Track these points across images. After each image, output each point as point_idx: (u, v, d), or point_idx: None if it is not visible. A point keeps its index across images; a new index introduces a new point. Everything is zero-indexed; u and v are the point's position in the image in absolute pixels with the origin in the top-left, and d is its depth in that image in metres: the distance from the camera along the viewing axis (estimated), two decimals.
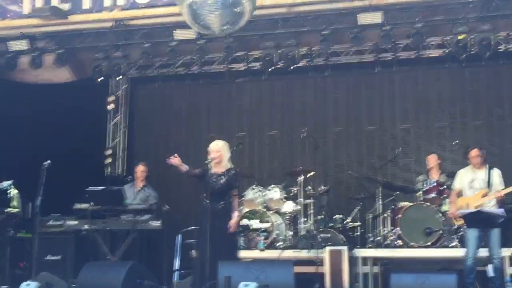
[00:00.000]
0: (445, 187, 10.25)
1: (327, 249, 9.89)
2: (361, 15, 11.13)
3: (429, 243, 10.09)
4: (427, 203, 10.25)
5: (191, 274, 9.46)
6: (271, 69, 12.02)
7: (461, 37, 11.04)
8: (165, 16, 11.76)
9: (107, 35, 12.24)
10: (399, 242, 10.33)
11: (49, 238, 10.92)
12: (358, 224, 11.14)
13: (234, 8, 8.10)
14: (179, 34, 11.83)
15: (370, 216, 11.13)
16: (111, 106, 13.48)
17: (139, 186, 10.72)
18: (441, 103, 12.60)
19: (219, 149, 8.59)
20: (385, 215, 10.78)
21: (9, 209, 11.35)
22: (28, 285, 7.62)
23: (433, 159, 10.79)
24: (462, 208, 9.05)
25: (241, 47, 12.36)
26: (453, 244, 9.85)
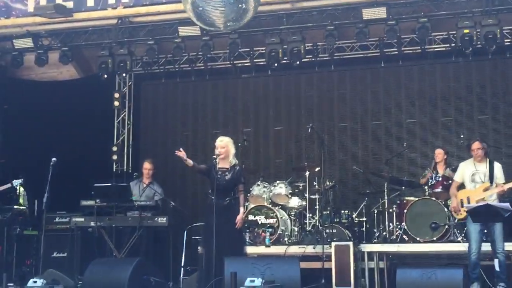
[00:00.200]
0: (450, 182, 10.22)
1: (333, 244, 9.87)
2: (366, 10, 11.10)
3: (435, 238, 10.08)
4: (433, 198, 10.24)
5: (197, 270, 9.47)
6: (276, 64, 12.01)
7: (466, 31, 11.01)
8: (170, 13, 11.75)
9: (111, 32, 12.24)
10: (405, 237, 10.32)
11: (55, 235, 10.99)
12: (364, 219, 11.15)
13: (238, 4, 8.08)
14: (184, 30, 11.82)
15: (376, 211, 11.12)
16: (116, 103, 13.49)
17: (145, 183, 10.73)
18: (447, 97, 12.58)
19: (225, 145, 8.59)
20: (391, 210, 10.77)
21: (15, 207, 11.41)
22: (35, 282, 7.64)
23: (441, 153, 10.77)
24: (463, 201, 8.99)
25: (246, 43, 12.36)
26: (459, 238, 9.82)
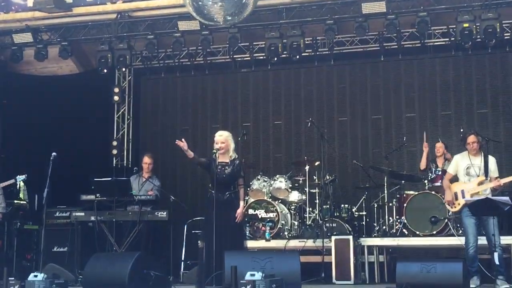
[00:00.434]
0: None
1: (333, 238, 9.91)
2: (365, 4, 11.10)
3: (434, 232, 10.10)
4: (433, 192, 10.25)
5: (197, 264, 9.49)
6: (276, 59, 12.01)
7: (466, 25, 11.01)
8: (169, 7, 11.76)
9: (111, 26, 12.24)
10: (404, 231, 10.35)
11: (55, 229, 11.00)
12: (363, 213, 11.17)
13: None
14: (183, 25, 11.82)
15: (375, 205, 11.14)
16: (116, 97, 13.50)
17: (144, 177, 10.73)
18: (446, 91, 12.60)
19: (224, 140, 8.59)
20: (390, 204, 10.80)
21: (16, 201, 11.42)
22: (35, 276, 7.65)
23: (441, 147, 10.79)
24: (457, 194, 8.98)
25: (246, 38, 12.35)
26: (458, 232, 9.84)
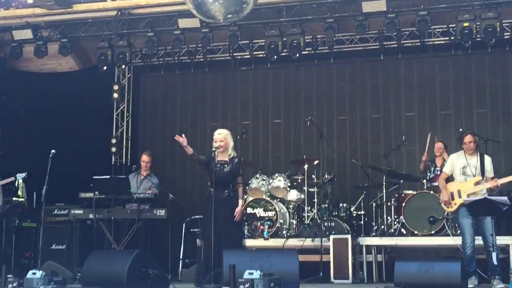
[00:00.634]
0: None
1: (331, 237, 9.91)
2: (365, 2, 11.08)
3: (433, 232, 10.11)
4: (431, 192, 10.25)
5: (196, 262, 9.49)
6: (276, 57, 12.00)
7: (466, 25, 11.00)
8: (169, 4, 11.74)
9: (111, 24, 12.22)
10: (403, 230, 10.35)
11: (54, 227, 11.01)
12: (362, 212, 11.17)
13: None
14: (183, 22, 11.81)
15: (374, 204, 11.15)
16: (115, 95, 13.49)
17: (143, 175, 10.73)
18: (446, 90, 12.59)
19: (224, 138, 8.59)
20: (389, 204, 10.81)
21: (14, 199, 11.40)
22: (34, 273, 7.64)
23: (441, 147, 10.79)
24: (453, 194, 8.98)
25: (246, 36, 12.34)
26: (456, 233, 9.83)
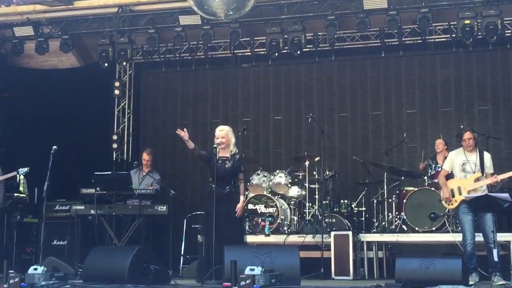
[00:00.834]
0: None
1: (332, 234, 9.92)
2: (367, 0, 11.09)
3: (434, 228, 10.11)
4: (433, 188, 10.25)
5: (197, 258, 9.50)
6: (277, 54, 12.01)
7: (467, 22, 11.01)
8: (170, 1, 11.77)
9: (112, 20, 12.24)
10: (404, 227, 10.36)
11: (55, 223, 11.02)
12: (363, 209, 11.18)
13: None
14: (185, 19, 11.83)
15: (375, 201, 11.15)
16: (116, 91, 13.49)
17: (144, 171, 10.74)
18: (447, 88, 12.59)
19: (225, 134, 8.60)
20: (390, 200, 10.81)
21: (16, 195, 11.41)
22: (35, 269, 7.66)
23: (441, 144, 10.79)
24: (454, 191, 8.98)
25: (247, 33, 12.36)
26: (457, 229, 9.84)
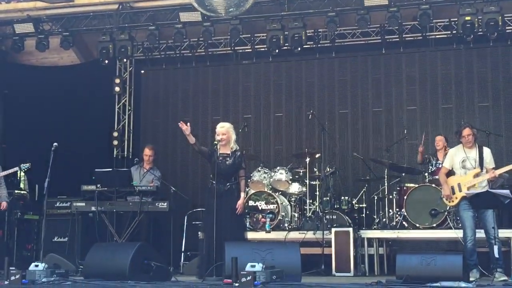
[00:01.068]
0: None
1: (333, 230, 9.94)
2: None
3: (434, 225, 10.12)
4: (433, 185, 10.26)
5: (198, 255, 9.51)
6: (277, 51, 12.00)
7: (468, 18, 11.00)
8: None
9: (112, 17, 12.22)
10: (404, 223, 10.36)
11: (56, 220, 11.03)
12: (364, 205, 11.19)
13: None
14: (185, 16, 11.81)
15: (376, 197, 11.16)
16: (117, 88, 13.49)
17: (145, 168, 10.75)
18: (448, 84, 12.58)
19: (226, 131, 8.60)
20: (390, 197, 10.82)
21: (16, 191, 11.42)
22: (36, 266, 7.66)
23: (442, 140, 10.78)
24: (454, 188, 8.99)
25: (247, 29, 12.35)
26: (458, 225, 9.84)
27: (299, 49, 11.90)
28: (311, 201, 11.02)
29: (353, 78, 13.06)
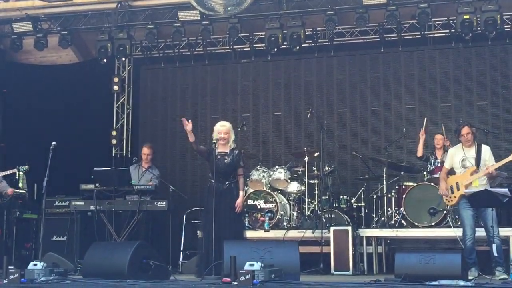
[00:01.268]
0: None
1: (332, 229, 9.94)
2: None
3: (433, 223, 10.13)
4: (432, 183, 10.26)
5: (197, 254, 9.51)
6: (276, 49, 12.00)
7: (466, 17, 11.00)
8: None
9: (111, 16, 12.21)
10: (403, 222, 10.37)
11: (55, 219, 11.02)
12: (362, 204, 11.20)
13: None
14: (183, 15, 11.81)
15: (374, 196, 11.18)
16: (115, 87, 13.48)
17: (144, 167, 10.74)
18: (446, 83, 12.59)
19: (228, 130, 8.64)
20: (389, 195, 10.83)
21: (15, 190, 11.40)
22: (35, 265, 7.66)
23: (441, 139, 10.79)
24: (453, 187, 8.99)
25: (246, 28, 12.34)
26: (457, 224, 9.85)
27: (298, 47, 11.89)
28: (310, 200, 11.03)
29: (351, 76, 13.06)
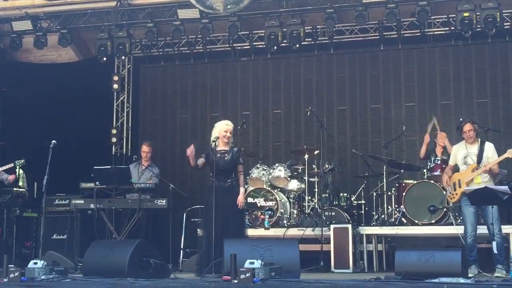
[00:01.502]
0: None
1: (332, 227, 9.93)
2: None
3: (433, 221, 10.12)
4: (432, 181, 10.26)
5: (197, 252, 9.51)
6: (276, 48, 12.00)
7: (466, 15, 11.00)
8: None
9: (110, 14, 12.21)
10: (403, 219, 10.37)
11: (55, 217, 11.04)
12: (362, 202, 11.20)
13: None
14: (183, 13, 11.80)
15: (374, 194, 11.18)
16: (115, 85, 13.48)
17: (144, 165, 10.74)
18: (446, 80, 12.59)
19: (232, 130, 8.68)
20: (389, 193, 10.82)
21: (15, 189, 11.41)
22: (35, 263, 7.67)
23: (445, 137, 10.77)
24: (455, 184, 8.99)
25: (245, 26, 12.32)
26: (458, 221, 9.86)
27: (298, 45, 11.89)
28: (309, 198, 11.03)
29: (351, 74, 13.06)
